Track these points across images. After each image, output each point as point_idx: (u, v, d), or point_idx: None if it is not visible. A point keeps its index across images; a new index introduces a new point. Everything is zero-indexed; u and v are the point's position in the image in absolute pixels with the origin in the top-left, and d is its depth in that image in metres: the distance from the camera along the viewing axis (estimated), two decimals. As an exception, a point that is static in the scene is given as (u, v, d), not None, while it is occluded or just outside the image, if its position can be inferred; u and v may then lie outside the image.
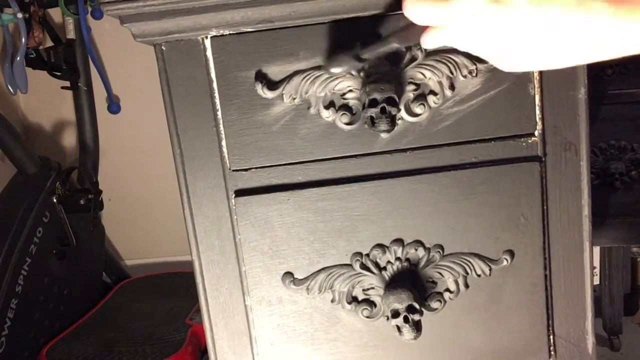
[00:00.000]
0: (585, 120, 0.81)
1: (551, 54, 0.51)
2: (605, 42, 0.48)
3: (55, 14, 1.96)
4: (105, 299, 1.95)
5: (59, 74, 1.87)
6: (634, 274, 1.96)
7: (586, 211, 0.83)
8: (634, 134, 1.46)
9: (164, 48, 0.79)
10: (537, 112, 0.80)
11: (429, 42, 0.60)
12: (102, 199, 1.87)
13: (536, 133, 0.81)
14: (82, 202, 1.81)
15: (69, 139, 2.14)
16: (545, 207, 0.83)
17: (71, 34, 1.90)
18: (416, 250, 0.83)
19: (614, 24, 0.46)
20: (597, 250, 1.91)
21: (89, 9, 1.88)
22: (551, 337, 0.87)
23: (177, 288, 1.94)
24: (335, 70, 0.74)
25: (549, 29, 0.49)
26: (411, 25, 0.61)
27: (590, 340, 0.87)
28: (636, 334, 1.90)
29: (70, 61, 1.89)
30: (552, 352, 0.88)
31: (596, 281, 1.96)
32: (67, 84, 1.92)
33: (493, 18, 0.51)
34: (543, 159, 0.82)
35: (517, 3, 0.49)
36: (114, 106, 2.06)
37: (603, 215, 1.46)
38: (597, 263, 1.94)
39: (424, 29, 0.60)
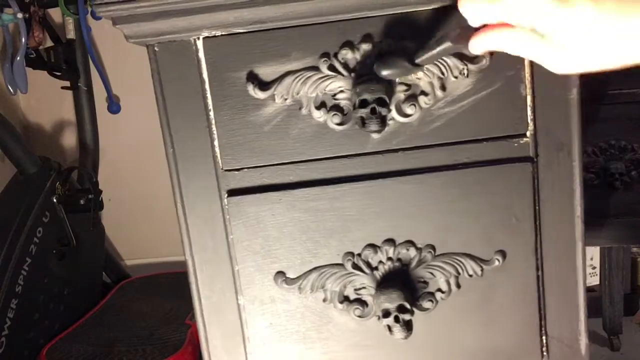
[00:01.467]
0: (578, 120, 0.81)
1: (609, 54, 0.50)
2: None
3: (55, 14, 1.96)
4: (105, 299, 1.95)
5: (59, 74, 1.88)
6: (634, 274, 1.96)
7: (579, 212, 0.83)
8: (634, 134, 1.46)
9: (156, 49, 0.79)
10: (529, 112, 0.80)
11: (478, 45, 0.59)
12: (102, 199, 1.87)
13: (528, 134, 0.81)
14: (82, 202, 1.81)
15: (69, 139, 2.15)
16: (537, 208, 0.83)
17: (71, 34, 1.91)
18: (408, 250, 0.83)
19: None
20: (597, 250, 1.91)
21: (89, 9, 1.88)
22: (544, 337, 0.87)
23: (177, 288, 1.94)
24: (385, 73, 0.74)
25: (611, 30, 0.49)
26: (465, 26, 0.59)
27: (583, 341, 0.87)
28: (636, 334, 1.90)
29: (70, 61, 1.90)
30: (545, 353, 0.88)
31: (596, 281, 1.96)
32: (67, 84, 1.93)
33: (555, 18, 0.50)
34: (535, 160, 0.82)
35: (582, 3, 0.49)
36: (114, 106, 2.06)
37: (603, 215, 1.45)
38: (597, 263, 1.94)
39: (476, 29, 0.59)
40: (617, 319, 1.83)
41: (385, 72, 0.74)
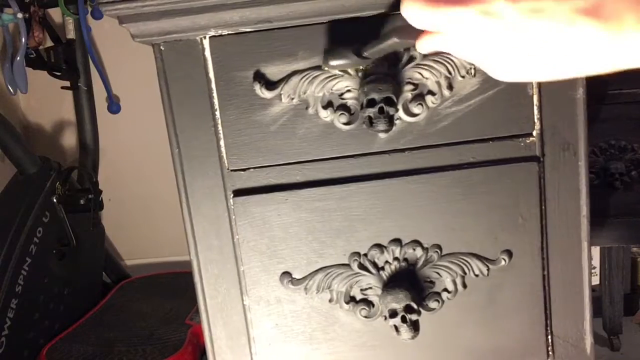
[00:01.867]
0: (584, 120, 0.81)
1: (543, 66, 0.50)
2: (596, 57, 0.47)
3: (55, 14, 1.96)
4: (105, 299, 1.95)
5: (59, 74, 1.88)
6: (634, 274, 1.96)
7: (584, 211, 0.83)
8: (634, 134, 1.46)
9: (162, 48, 0.79)
10: (536, 112, 0.80)
11: (424, 46, 0.59)
12: (102, 199, 1.87)
13: (534, 133, 0.81)
14: (82, 202, 1.81)
15: (69, 139, 2.14)
16: (543, 207, 0.83)
17: (71, 34, 1.90)
18: (414, 250, 0.83)
19: (603, 38, 0.46)
20: (597, 250, 1.91)
21: (89, 9, 1.88)
22: (549, 337, 0.87)
23: (177, 288, 1.94)
24: (333, 63, 0.74)
25: (540, 42, 0.49)
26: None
27: (588, 341, 0.87)
28: (636, 334, 1.90)
29: (70, 61, 1.89)
30: (551, 353, 0.88)
31: (596, 281, 1.96)
32: (67, 84, 1.93)
33: (485, 29, 0.50)
34: (541, 159, 0.82)
35: (507, 16, 0.49)
36: (114, 106, 2.06)
37: (603, 215, 1.46)
38: (597, 263, 1.94)
39: (421, 30, 0.60)
40: (617, 319, 1.83)
41: (333, 63, 0.74)
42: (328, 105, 0.79)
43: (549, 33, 0.47)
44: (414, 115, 0.79)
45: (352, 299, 0.85)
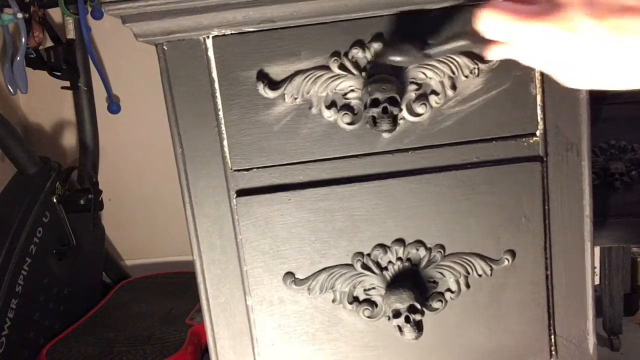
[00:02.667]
0: (587, 120, 0.81)
1: (617, 77, 0.52)
2: None
3: (55, 14, 1.95)
4: (105, 299, 1.95)
5: (59, 74, 1.87)
6: (634, 274, 1.96)
7: (587, 211, 0.83)
8: (634, 134, 1.46)
9: (165, 48, 0.79)
10: (539, 112, 0.80)
11: (495, 54, 0.61)
12: (102, 199, 1.87)
13: (538, 133, 0.81)
14: (82, 202, 1.81)
15: (69, 139, 2.14)
16: (546, 207, 0.83)
17: (71, 34, 1.90)
18: (417, 250, 0.83)
19: None
20: (597, 250, 1.91)
21: (89, 9, 1.88)
22: (552, 337, 0.87)
23: (177, 288, 1.94)
24: (394, 58, 0.73)
25: (619, 57, 0.50)
26: None
27: (591, 340, 0.87)
28: (636, 334, 1.90)
29: (70, 61, 1.89)
30: (553, 352, 0.88)
31: (596, 281, 1.96)
32: (67, 84, 1.92)
33: (564, 43, 0.52)
34: (545, 159, 0.82)
35: (590, 32, 0.50)
36: (114, 106, 2.06)
37: (603, 215, 1.45)
38: (597, 263, 1.94)
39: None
40: (617, 319, 1.83)
41: (393, 58, 0.73)
42: (331, 105, 0.79)
43: (630, 49, 0.49)
44: (417, 115, 0.79)
45: (355, 299, 0.85)
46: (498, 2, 0.56)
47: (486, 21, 0.55)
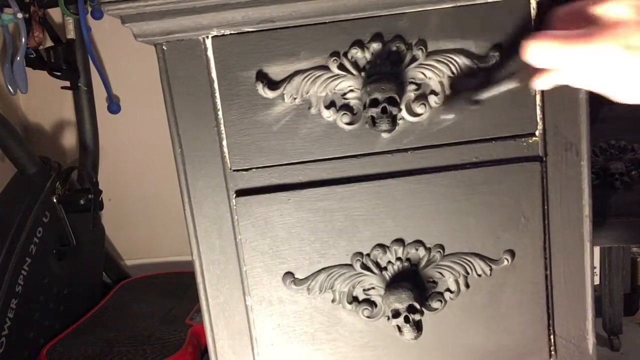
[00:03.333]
0: (586, 120, 0.81)
1: None
2: None
3: (55, 14, 1.96)
4: (105, 299, 1.95)
5: (59, 74, 1.88)
6: (634, 274, 1.96)
7: (587, 211, 0.83)
8: (634, 134, 1.46)
9: (165, 48, 0.79)
10: (538, 112, 0.80)
11: (545, 84, 0.62)
12: (102, 199, 1.87)
13: (537, 133, 0.81)
14: (82, 202, 1.81)
15: (69, 139, 2.14)
16: (546, 207, 0.83)
17: (71, 34, 1.90)
18: (417, 250, 0.83)
19: None
20: (597, 250, 1.91)
21: (89, 9, 1.88)
22: (552, 337, 0.87)
23: (177, 288, 1.94)
24: (447, 117, 0.78)
25: None
26: (524, 64, 0.61)
27: (590, 340, 0.87)
28: (636, 334, 1.90)
29: (70, 61, 1.89)
30: (553, 352, 0.88)
31: (596, 281, 1.96)
32: (67, 84, 1.92)
33: (620, 61, 0.52)
34: (544, 159, 0.82)
35: None
36: (114, 106, 2.06)
37: (603, 215, 1.45)
38: (597, 263, 1.94)
39: (537, 69, 0.62)
40: (617, 319, 1.83)
41: (447, 117, 0.78)
42: (331, 105, 0.79)
43: None
44: (417, 115, 0.79)
45: (354, 299, 0.85)
46: (545, 32, 0.56)
47: (537, 51, 0.56)
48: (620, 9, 0.51)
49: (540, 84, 0.62)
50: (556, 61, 0.56)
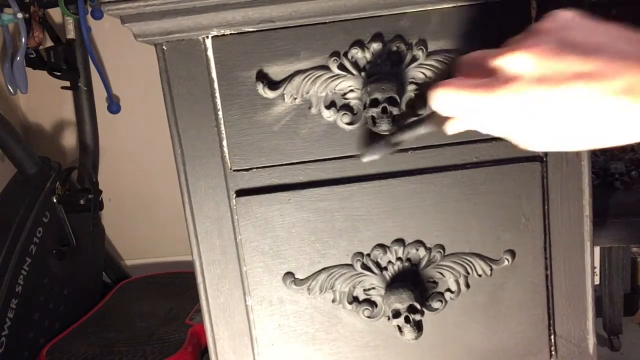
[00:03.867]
0: (587, 120, 0.81)
1: (574, 139, 0.52)
2: (626, 129, 0.49)
3: (55, 14, 1.96)
4: (105, 299, 1.95)
5: (59, 74, 1.88)
6: (634, 274, 1.96)
7: (587, 211, 0.83)
8: (634, 134, 1.46)
9: (165, 48, 0.78)
10: (538, 112, 0.80)
11: (452, 129, 0.62)
12: (102, 199, 1.87)
13: (537, 133, 0.81)
14: (82, 202, 1.81)
15: (69, 139, 2.14)
16: (546, 207, 0.83)
17: (71, 34, 1.90)
18: (417, 250, 0.83)
19: (635, 113, 0.48)
20: (597, 250, 1.91)
21: (89, 9, 1.88)
22: (552, 336, 0.87)
23: (177, 288, 1.94)
24: (367, 159, 0.77)
25: (573, 118, 0.50)
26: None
27: (591, 340, 0.87)
28: (636, 334, 1.90)
29: (70, 61, 1.89)
30: (553, 352, 0.88)
31: (596, 281, 1.96)
32: (67, 84, 1.92)
33: (521, 110, 0.52)
34: (544, 159, 0.82)
35: (538, 100, 0.50)
36: (114, 106, 2.06)
37: (603, 215, 1.45)
38: (597, 263, 1.94)
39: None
40: (617, 319, 1.83)
41: (367, 159, 0.77)
42: (331, 105, 0.79)
43: (582, 111, 0.49)
44: (417, 115, 0.79)
45: (355, 299, 0.85)
46: (449, 80, 0.57)
47: (439, 99, 0.57)
48: (518, 63, 0.51)
49: (449, 129, 0.63)
50: (459, 109, 0.56)
